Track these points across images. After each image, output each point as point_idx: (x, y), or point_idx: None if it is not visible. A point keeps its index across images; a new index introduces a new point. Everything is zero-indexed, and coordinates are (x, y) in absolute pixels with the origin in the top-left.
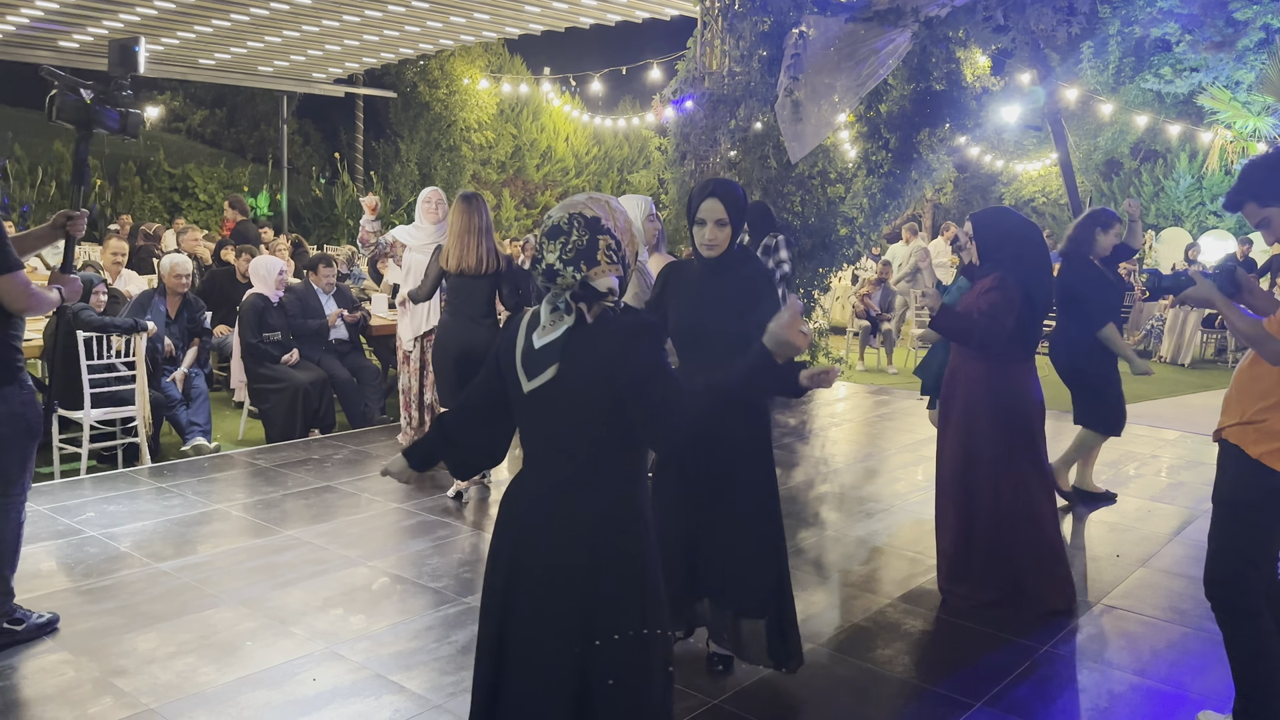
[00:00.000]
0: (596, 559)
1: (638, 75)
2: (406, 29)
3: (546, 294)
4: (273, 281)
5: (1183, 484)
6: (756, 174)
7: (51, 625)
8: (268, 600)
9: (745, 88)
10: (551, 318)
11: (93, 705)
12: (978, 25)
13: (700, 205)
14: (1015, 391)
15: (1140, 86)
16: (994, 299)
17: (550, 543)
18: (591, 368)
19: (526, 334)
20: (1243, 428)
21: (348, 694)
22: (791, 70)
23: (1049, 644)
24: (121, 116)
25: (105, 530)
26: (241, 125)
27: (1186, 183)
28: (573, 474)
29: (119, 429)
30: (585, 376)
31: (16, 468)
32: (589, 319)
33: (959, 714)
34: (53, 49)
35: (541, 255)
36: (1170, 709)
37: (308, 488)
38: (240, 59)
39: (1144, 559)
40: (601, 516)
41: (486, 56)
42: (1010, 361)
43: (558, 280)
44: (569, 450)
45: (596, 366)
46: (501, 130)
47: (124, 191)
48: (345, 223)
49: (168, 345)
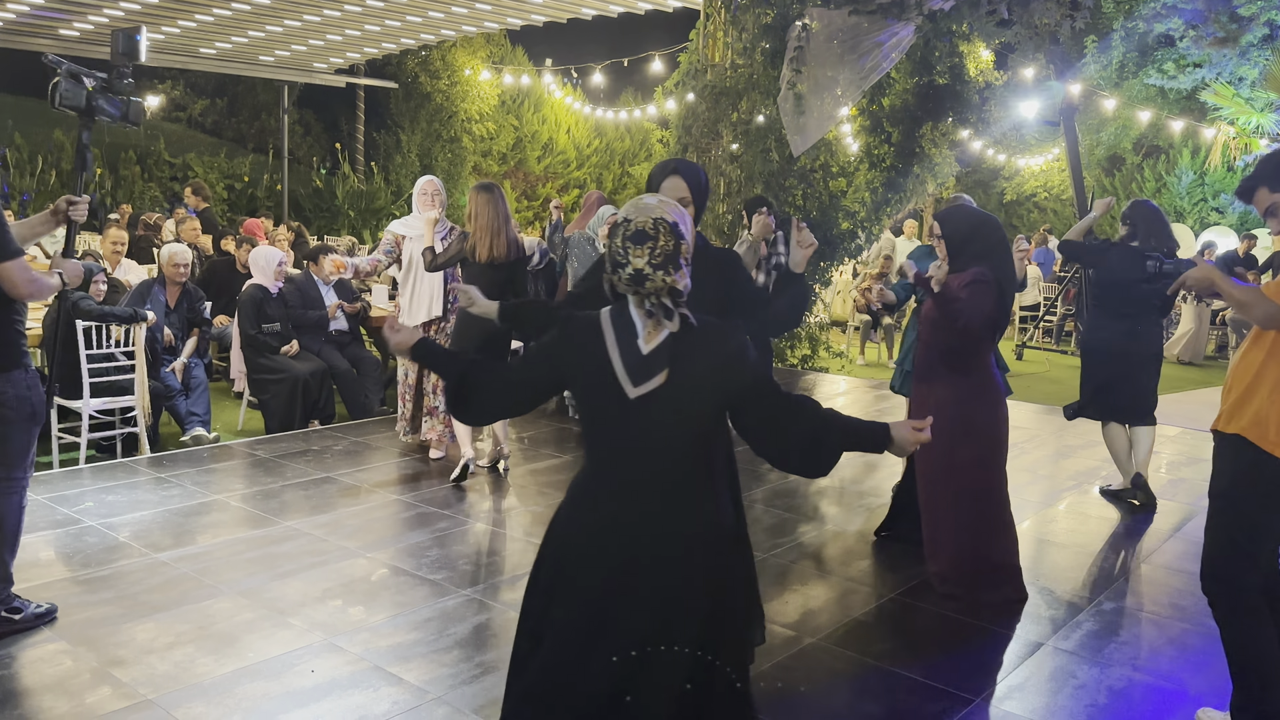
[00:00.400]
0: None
1: (640, 67)
2: (408, 19)
3: (630, 298)
4: (272, 272)
5: (1183, 480)
6: (759, 167)
7: (50, 615)
8: (266, 591)
9: (748, 80)
10: (650, 323)
11: (90, 695)
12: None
13: (663, 184)
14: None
15: (1143, 82)
16: (975, 290)
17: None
18: (700, 373)
19: (619, 338)
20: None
21: (346, 686)
22: (794, 63)
23: (1049, 639)
24: (123, 105)
25: (104, 520)
26: (242, 115)
27: (1189, 179)
28: (675, 481)
29: (118, 419)
30: (693, 382)
31: (20, 451)
32: (693, 323)
33: (959, 709)
34: (53, 37)
35: (625, 259)
36: (1170, 705)
37: (307, 479)
38: (241, 48)
39: (1144, 555)
40: (710, 523)
41: (488, 47)
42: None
43: (646, 284)
44: (664, 455)
45: (705, 372)
46: (503, 122)
47: (124, 181)
48: (346, 214)
49: (167, 335)
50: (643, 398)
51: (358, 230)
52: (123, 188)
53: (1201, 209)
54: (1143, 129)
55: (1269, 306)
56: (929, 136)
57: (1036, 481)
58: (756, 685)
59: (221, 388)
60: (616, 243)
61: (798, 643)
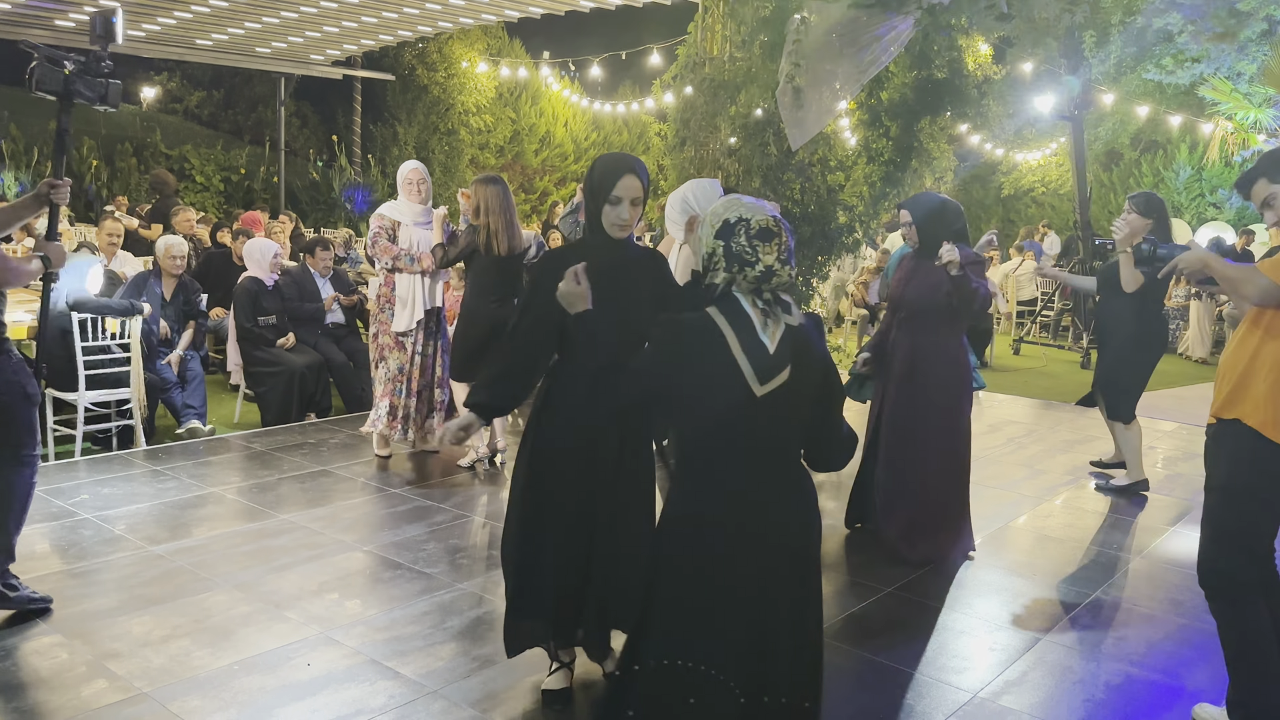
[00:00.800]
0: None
1: (637, 60)
2: (405, 11)
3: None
4: (267, 265)
5: (1180, 475)
6: (756, 161)
7: (44, 605)
8: (262, 584)
9: (746, 73)
10: (770, 320)
11: (85, 688)
12: (980, 13)
13: (619, 182)
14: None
15: (1141, 77)
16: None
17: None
18: (812, 367)
19: (740, 337)
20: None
21: (342, 679)
22: (793, 56)
23: (1046, 634)
24: (101, 87)
25: (99, 513)
26: (239, 107)
27: (1186, 174)
28: (785, 474)
29: (114, 411)
30: (807, 376)
31: (26, 429)
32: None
33: (955, 703)
34: (48, 27)
35: (755, 257)
36: (1166, 701)
37: (303, 471)
38: (238, 40)
39: (1141, 550)
40: (812, 511)
41: (485, 39)
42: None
43: (773, 280)
44: (783, 451)
45: (814, 366)
46: (500, 114)
47: (120, 173)
48: (342, 206)
49: (163, 327)
50: (767, 395)
51: (354, 223)
52: (119, 179)
53: (1199, 204)
54: (1141, 124)
55: (1262, 280)
56: (927, 131)
57: (1033, 476)
58: None
59: (218, 380)
60: (741, 241)
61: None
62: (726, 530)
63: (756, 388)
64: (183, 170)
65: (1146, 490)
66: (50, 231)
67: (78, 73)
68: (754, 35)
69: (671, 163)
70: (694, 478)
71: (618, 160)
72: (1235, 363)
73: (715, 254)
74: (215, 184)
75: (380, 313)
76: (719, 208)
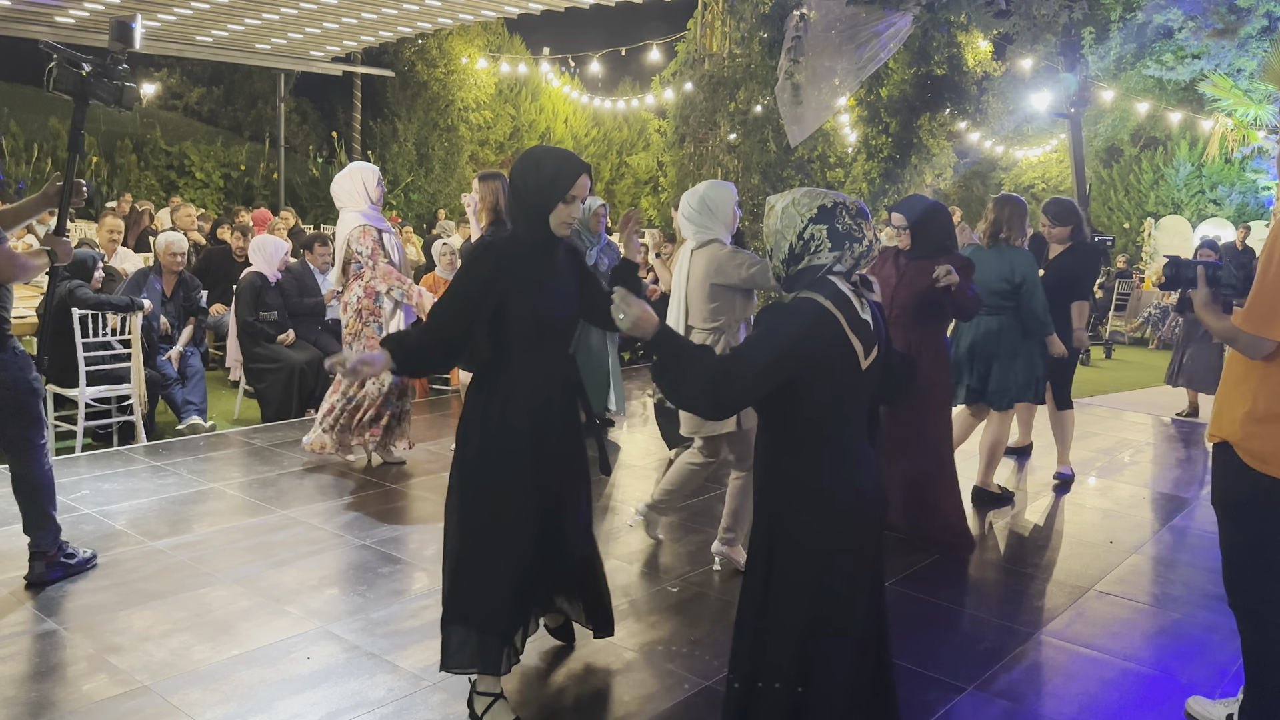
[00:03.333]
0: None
1: (637, 56)
2: (405, 7)
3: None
4: (276, 262)
5: (1178, 471)
6: (756, 157)
7: (93, 560)
8: (263, 579)
9: (745, 70)
10: (858, 298)
11: (87, 682)
12: (979, 9)
13: (576, 181)
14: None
15: (1141, 73)
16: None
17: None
18: (884, 339)
19: (845, 315)
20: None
21: (342, 673)
22: (792, 53)
23: (1040, 629)
24: (117, 90)
25: (100, 508)
26: (239, 103)
27: (1186, 170)
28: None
29: (114, 407)
30: (884, 347)
31: (32, 423)
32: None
33: (950, 697)
34: (49, 24)
35: (861, 233)
36: (1160, 694)
37: (303, 467)
38: (238, 36)
39: (1136, 546)
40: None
41: (485, 36)
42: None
43: (870, 254)
44: (865, 418)
45: (884, 338)
46: (500, 111)
47: (120, 169)
48: None
49: (163, 324)
50: (868, 368)
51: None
52: (119, 176)
53: (1199, 200)
54: (1140, 120)
55: (1243, 338)
56: (927, 127)
57: (1031, 472)
58: None
59: (218, 376)
60: (846, 221)
61: None
62: (878, 498)
63: (863, 361)
64: (183, 166)
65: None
66: (59, 227)
67: (95, 74)
68: (753, 32)
69: (671, 159)
70: (835, 455)
71: (570, 158)
72: (1224, 382)
73: (816, 238)
74: (215, 180)
75: (365, 326)
76: (801, 197)
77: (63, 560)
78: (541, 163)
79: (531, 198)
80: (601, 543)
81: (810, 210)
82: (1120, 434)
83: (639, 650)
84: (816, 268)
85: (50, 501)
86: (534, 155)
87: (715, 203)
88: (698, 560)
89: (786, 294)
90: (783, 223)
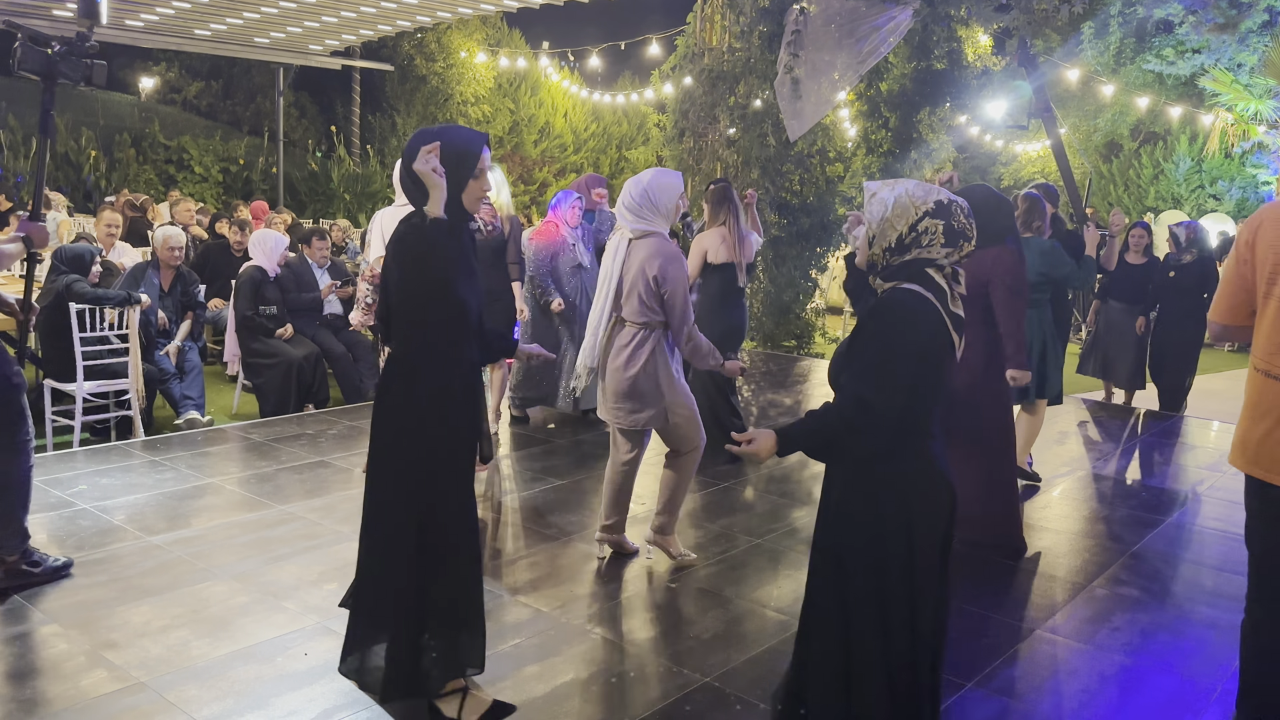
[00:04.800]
0: None
1: (637, 51)
2: (404, 1)
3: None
4: (276, 257)
5: (1179, 467)
6: (755, 152)
7: (67, 568)
8: (260, 574)
9: (745, 64)
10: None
11: (84, 678)
12: (979, 3)
13: (484, 154)
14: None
15: (1141, 68)
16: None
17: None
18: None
19: (944, 308)
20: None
21: None
22: (792, 47)
23: (1040, 625)
24: (85, 68)
25: (98, 503)
26: (237, 97)
27: (1186, 165)
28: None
29: (112, 402)
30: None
31: (15, 417)
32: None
33: (950, 694)
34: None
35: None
36: (1161, 690)
37: (301, 462)
38: (236, 30)
39: (1136, 542)
40: None
41: (484, 30)
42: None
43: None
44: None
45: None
46: (499, 105)
47: (119, 164)
48: (341, 197)
49: (161, 318)
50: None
51: (353, 214)
52: (118, 170)
53: (1199, 195)
54: (1140, 115)
55: (1213, 327)
56: (926, 121)
57: (1030, 467)
58: (750, 669)
59: (216, 371)
60: (961, 220)
61: (790, 627)
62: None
63: (956, 353)
64: (181, 161)
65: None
66: (34, 212)
67: (62, 53)
68: (753, 26)
69: (670, 154)
70: (919, 443)
71: (471, 131)
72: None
73: (931, 231)
74: (214, 175)
75: None
76: (914, 189)
77: (25, 568)
78: (446, 138)
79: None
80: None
81: (926, 204)
82: (1118, 430)
83: (638, 645)
84: (924, 261)
85: (22, 503)
86: (429, 135)
87: (659, 193)
88: (697, 556)
89: (884, 282)
90: (893, 211)
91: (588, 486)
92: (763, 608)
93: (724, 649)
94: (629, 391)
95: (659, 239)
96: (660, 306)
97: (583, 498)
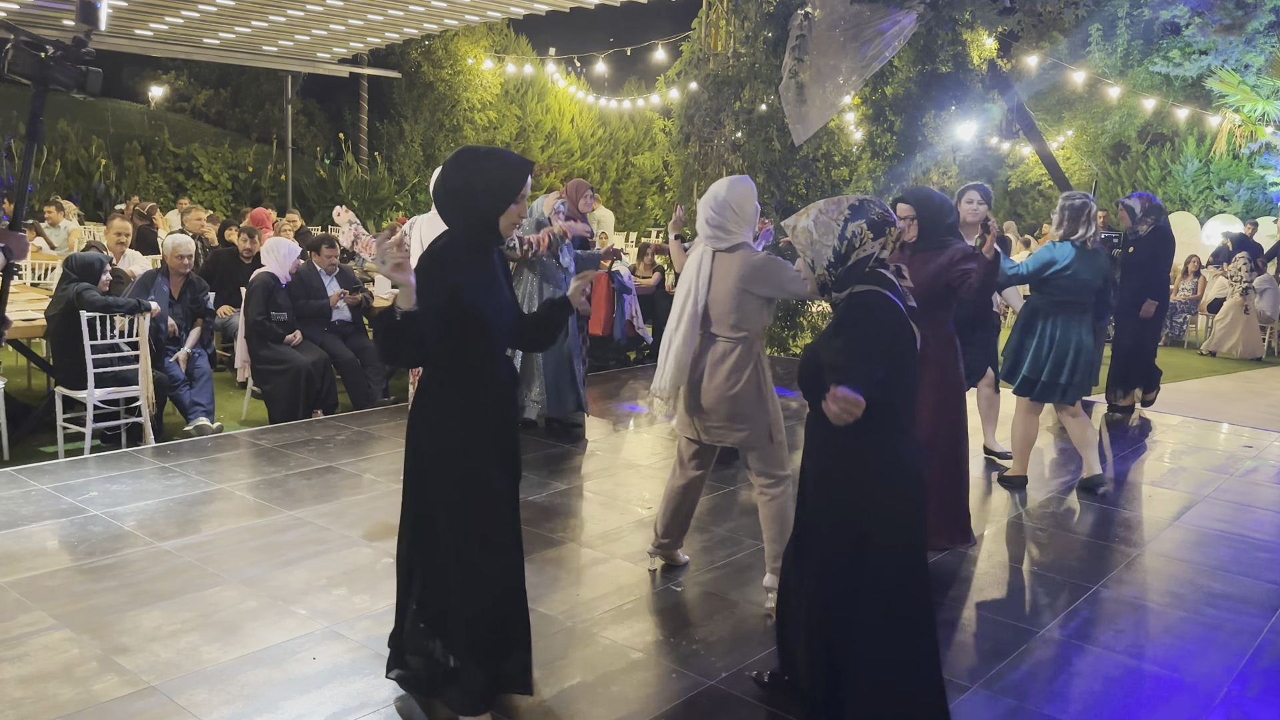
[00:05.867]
0: None
1: (643, 56)
2: (411, 8)
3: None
4: (288, 264)
5: (1184, 469)
6: (760, 156)
7: None
8: (270, 580)
9: (750, 69)
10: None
11: (95, 683)
12: (984, 7)
13: (527, 181)
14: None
15: (1148, 70)
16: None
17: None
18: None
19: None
20: None
21: (348, 673)
22: (796, 52)
23: (1045, 627)
24: (80, 74)
25: (108, 509)
26: (246, 105)
27: (1194, 167)
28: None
29: (122, 409)
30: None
31: None
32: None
33: (955, 695)
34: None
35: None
36: (1165, 693)
37: (310, 468)
38: (244, 38)
39: (1143, 543)
40: None
41: (491, 36)
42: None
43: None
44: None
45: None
46: (506, 111)
47: (129, 171)
48: (350, 204)
49: (171, 325)
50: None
51: (361, 220)
52: (128, 178)
53: (1207, 197)
54: (1148, 117)
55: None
56: (931, 125)
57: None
58: (753, 669)
59: (225, 378)
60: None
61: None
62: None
63: (918, 343)
64: (190, 168)
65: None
66: (15, 222)
67: (56, 58)
68: (758, 31)
69: (676, 159)
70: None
71: (516, 158)
72: None
73: (858, 233)
74: (223, 182)
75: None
76: (826, 205)
77: None
78: (485, 165)
79: (478, 201)
80: (605, 542)
81: (842, 211)
82: (1122, 432)
83: (643, 649)
84: (865, 259)
85: None
86: (474, 157)
87: (738, 203)
88: (702, 560)
89: (838, 293)
90: (818, 233)
91: (589, 490)
92: (758, 608)
93: (730, 652)
94: (732, 410)
95: (746, 250)
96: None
97: (584, 502)
